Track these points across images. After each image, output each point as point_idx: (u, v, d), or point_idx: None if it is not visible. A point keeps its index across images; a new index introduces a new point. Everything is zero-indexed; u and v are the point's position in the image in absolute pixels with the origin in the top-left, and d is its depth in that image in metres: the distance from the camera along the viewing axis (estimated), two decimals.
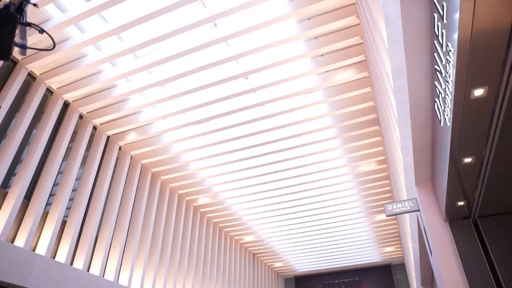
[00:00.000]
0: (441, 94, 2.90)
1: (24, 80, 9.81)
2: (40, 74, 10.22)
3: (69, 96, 10.88)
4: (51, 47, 3.41)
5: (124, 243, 12.52)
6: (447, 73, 2.68)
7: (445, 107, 2.88)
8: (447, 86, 2.75)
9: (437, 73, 2.89)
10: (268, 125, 11.90)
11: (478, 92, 2.68)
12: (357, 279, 24.65)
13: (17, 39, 3.27)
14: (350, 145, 12.78)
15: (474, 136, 3.01)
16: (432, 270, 7.11)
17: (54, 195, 10.55)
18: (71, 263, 10.51)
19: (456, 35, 2.69)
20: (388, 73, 4.77)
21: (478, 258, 4.13)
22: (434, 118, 3.74)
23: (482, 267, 4.07)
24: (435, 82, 3.06)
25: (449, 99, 2.77)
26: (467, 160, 3.27)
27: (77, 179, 11.35)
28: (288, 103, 11.22)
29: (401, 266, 23.36)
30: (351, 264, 23.83)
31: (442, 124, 3.02)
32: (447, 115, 2.87)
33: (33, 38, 8.61)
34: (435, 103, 3.32)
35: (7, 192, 9.20)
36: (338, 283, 24.95)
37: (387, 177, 14.32)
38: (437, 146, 3.99)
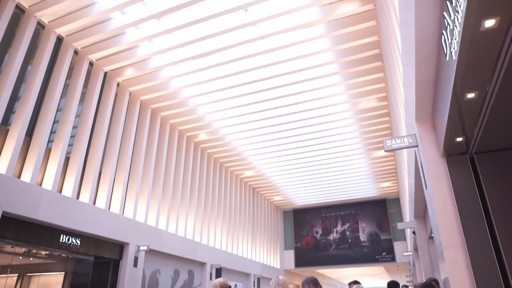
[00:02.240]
0: (449, 26, 2.77)
1: (13, 14, 9.39)
2: (29, 7, 9.75)
3: (62, 30, 10.48)
4: None
5: (127, 177, 12.87)
6: (458, 1, 2.53)
7: (452, 39, 2.77)
8: (457, 17, 2.61)
9: (447, 2, 2.73)
10: (268, 59, 11.61)
11: (489, 23, 2.55)
12: (353, 212, 25.71)
13: None
14: (351, 81, 12.58)
15: (479, 70, 2.93)
16: (426, 204, 7.37)
17: (55, 132, 10.63)
18: (77, 197, 10.88)
19: None
20: (395, 5, 4.53)
21: (471, 192, 4.25)
22: (439, 53, 3.62)
23: (474, 200, 4.20)
24: (444, 13, 2.91)
25: (458, 30, 2.64)
26: (470, 95, 3.22)
27: (77, 116, 11.34)
28: (289, 37, 10.84)
29: (396, 201, 24.22)
30: (348, 198, 24.70)
31: (447, 58, 2.92)
32: (454, 48, 2.77)
33: None
34: (442, 36, 3.19)
35: (8, 130, 9.25)
36: (335, 216, 26.07)
37: (387, 114, 14.29)
38: (440, 81, 3.91)
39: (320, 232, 26.04)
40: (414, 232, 11.08)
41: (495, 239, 3.95)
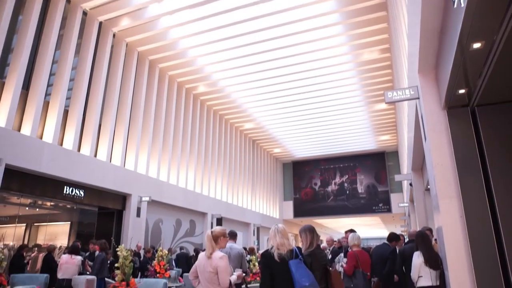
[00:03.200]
0: None
1: None
2: None
3: None
4: None
5: (127, 130, 12.89)
6: None
7: None
8: None
9: None
10: (268, 9, 11.17)
11: None
12: (351, 164, 26.07)
13: None
14: (353, 32, 12.20)
15: (488, 19, 2.81)
16: (424, 156, 7.43)
17: (52, 85, 10.48)
18: (78, 150, 10.97)
19: None
20: None
21: (470, 144, 4.25)
22: (447, 0, 3.46)
23: (472, 153, 4.21)
24: None
25: None
26: (476, 45, 3.12)
27: (74, 68, 11.13)
28: None
29: (394, 154, 24.45)
30: (347, 150, 24.92)
31: (455, 5, 2.79)
32: None
33: None
34: None
35: (4, 82, 9.12)
36: (334, 168, 26.47)
37: (389, 66, 14.01)
38: (445, 31, 3.78)
39: (318, 184, 26.58)
40: (411, 184, 11.30)
41: (490, 191, 4.02)
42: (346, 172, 26.13)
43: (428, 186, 7.17)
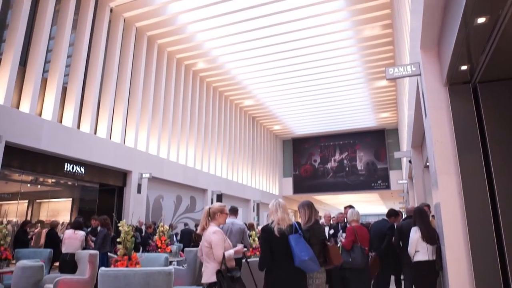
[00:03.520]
0: None
1: None
2: None
3: None
4: None
5: (127, 107, 12.84)
6: None
7: None
8: None
9: None
10: None
11: None
12: (351, 141, 26.09)
13: None
14: (355, 7, 11.95)
15: None
16: (424, 133, 7.43)
17: (50, 62, 10.35)
18: (78, 127, 10.95)
19: None
20: None
21: (470, 121, 4.24)
22: None
23: (472, 130, 4.20)
24: None
25: None
26: (481, 20, 3.05)
27: (71, 45, 10.97)
28: None
29: (394, 131, 24.43)
30: (347, 128, 24.89)
31: None
32: None
33: None
34: None
35: (0, 59, 9.00)
36: (333, 145, 26.52)
37: (391, 42, 13.81)
38: (449, 6, 3.70)
39: (318, 161, 26.69)
40: (410, 161, 11.34)
41: (488, 169, 4.04)
42: (346, 149, 26.20)
43: (427, 163, 7.20)
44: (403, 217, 6.94)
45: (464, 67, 4.00)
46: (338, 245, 4.99)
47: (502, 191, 3.92)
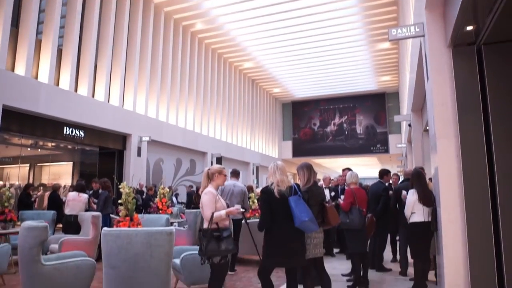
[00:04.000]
0: None
1: None
2: None
3: None
4: None
5: (124, 70, 12.64)
6: None
7: None
8: None
9: None
10: None
11: None
12: (351, 105, 25.94)
13: None
14: None
15: None
16: (424, 97, 7.37)
17: (43, 23, 10.06)
18: (75, 90, 10.83)
19: None
20: None
21: (473, 85, 4.17)
22: None
23: (474, 93, 4.15)
24: None
25: None
26: None
27: (64, 4, 10.62)
28: None
29: (395, 95, 24.20)
30: (347, 91, 24.67)
31: None
32: None
33: None
34: None
35: None
36: (333, 109, 26.39)
37: (395, 2, 13.38)
38: None
39: (318, 124, 26.68)
40: (409, 125, 11.32)
41: (488, 133, 4.02)
42: (346, 113, 26.11)
43: (427, 127, 7.19)
44: (401, 180, 7.03)
45: (469, 28, 3.88)
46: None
47: (500, 155, 3.93)
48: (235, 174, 6.19)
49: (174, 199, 12.54)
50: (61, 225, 7.88)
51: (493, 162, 3.95)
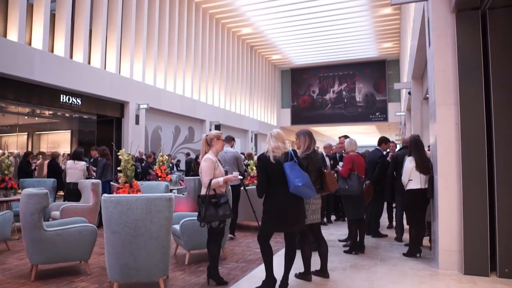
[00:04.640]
0: None
1: None
2: None
3: None
4: None
5: (120, 36, 12.37)
6: None
7: None
8: None
9: None
10: None
11: None
12: (351, 73, 25.62)
13: None
14: None
15: None
16: (425, 64, 7.26)
17: None
18: (71, 57, 10.63)
19: None
20: None
21: (475, 51, 4.09)
22: None
23: (476, 60, 4.08)
24: None
25: None
26: None
27: None
28: None
29: (395, 62, 23.84)
30: (347, 58, 24.28)
31: None
32: None
33: None
34: None
35: None
36: (333, 76, 26.08)
37: None
38: None
39: (317, 92, 26.46)
40: (409, 93, 11.22)
41: (488, 102, 3.99)
42: (345, 80, 25.84)
43: (427, 95, 7.12)
44: (399, 148, 7.05)
45: None
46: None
47: (499, 125, 3.92)
48: (228, 139, 6.12)
49: (175, 167, 12.60)
50: (62, 193, 7.97)
51: (492, 131, 3.94)
